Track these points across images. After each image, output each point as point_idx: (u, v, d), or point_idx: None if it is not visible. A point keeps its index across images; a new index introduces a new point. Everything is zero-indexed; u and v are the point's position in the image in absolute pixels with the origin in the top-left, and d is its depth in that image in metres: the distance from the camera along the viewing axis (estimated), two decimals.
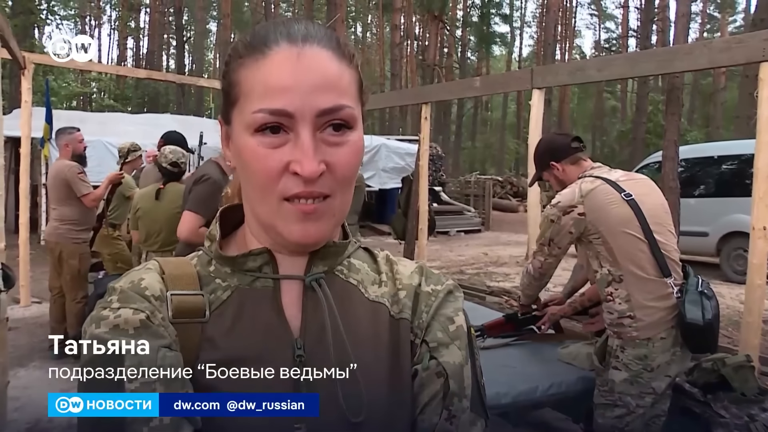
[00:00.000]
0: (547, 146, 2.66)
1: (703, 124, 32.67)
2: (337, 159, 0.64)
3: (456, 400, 0.70)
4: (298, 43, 0.64)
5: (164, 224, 4.08)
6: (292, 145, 0.63)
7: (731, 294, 7.27)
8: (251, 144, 0.64)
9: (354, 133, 0.66)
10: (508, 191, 22.23)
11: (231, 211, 0.77)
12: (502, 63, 47.96)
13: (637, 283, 2.27)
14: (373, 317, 0.73)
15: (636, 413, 2.26)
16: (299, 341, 0.68)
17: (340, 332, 0.68)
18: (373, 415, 0.66)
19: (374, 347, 0.71)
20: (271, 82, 0.63)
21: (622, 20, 40.61)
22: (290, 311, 0.70)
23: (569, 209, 2.36)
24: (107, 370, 0.60)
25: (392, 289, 0.76)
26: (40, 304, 6.56)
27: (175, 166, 4.16)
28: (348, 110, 0.64)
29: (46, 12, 24.19)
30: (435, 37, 23.73)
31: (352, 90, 0.67)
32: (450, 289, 0.77)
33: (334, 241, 0.73)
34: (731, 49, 3.16)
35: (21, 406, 3.97)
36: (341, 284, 0.74)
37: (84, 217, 4.93)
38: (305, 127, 0.62)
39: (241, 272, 0.71)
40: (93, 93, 29.62)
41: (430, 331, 0.73)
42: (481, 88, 5.35)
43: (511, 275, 8.94)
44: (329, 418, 0.65)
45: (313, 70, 0.63)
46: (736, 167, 9.11)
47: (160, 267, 0.71)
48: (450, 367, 0.71)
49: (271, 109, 0.62)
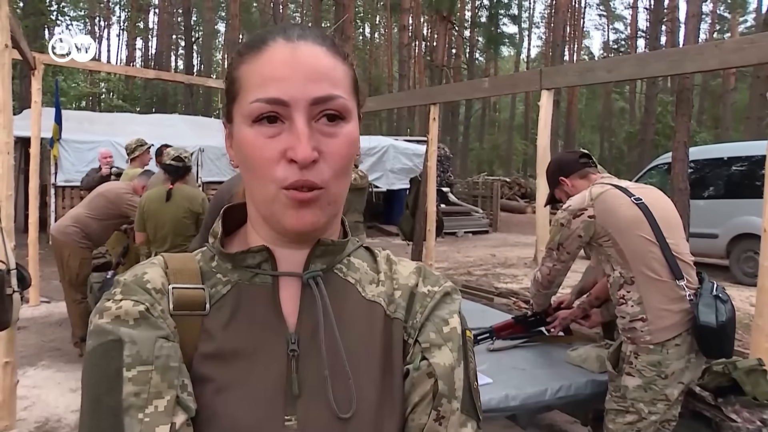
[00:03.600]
0: (556, 164, 2.72)
1: (712, 126, 32.51)
2: (330, 149, 0.66)
3: (445, 401, 0.70)
4: (294, 40, 0.67)
5: (170, 227, 4.08)
6: (287, 134, 0.65)
7: (741, 296, 7.22)
8: (249, 134, 0.67)
9: (348, 125, 0.68)
10: (516, 192, 22.20)
11: (234, 209, 0.79)
12: (510, 64, 47.94)
13: (649, 286, 2.25)
14: (369, 316, 0.74)
15: (648, 419, 2.24)
16: (293, 336, 0.69)
17: (333, 329, 0.69)
18: (362, 412, 0.67)
19: (367, 346, 0.72)
20: (267, 72, 0.66)
21: (631, 21, 40.52)
22: (287, 307, 0.71)
23: (579, 212, 2.37)
24: (107, 358, 0.62)
25: (389, 289, 0.77)
26: (49, 304, 6.61)
27: (179, 160, 4.17)
28: (341, 101, 0.67)
29: (56, 13, 24.32)
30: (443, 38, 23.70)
31: (345, 83, 0.69)
32: (447, 291, 0.78)
33: (333, 240, 0.74)
34: (743, 49, 3.13)
35: (30, 405, 4.00)
36: (339, 282, 0.75)
37: (97, 237, 4.94)
38: (300, 115, 0.65)
39: (241, 268, 0.73)
40: (102, 93, 29.76)
41: (424, 332, 0.74)
42: (490, 88, 5.34)
43: (519, 276, 8.92)
44: (319, 412, 0.66)
45: (307, 61, 0.66)
46: (746, 168, 9.04)
47: (165, 262, 0.73)
48: (440, 368, 0.71)
49: (266, 98, 0.65)
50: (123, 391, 0.60)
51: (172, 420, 0.61)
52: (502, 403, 2.32)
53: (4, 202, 3.58)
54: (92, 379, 0.63)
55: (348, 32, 14.15)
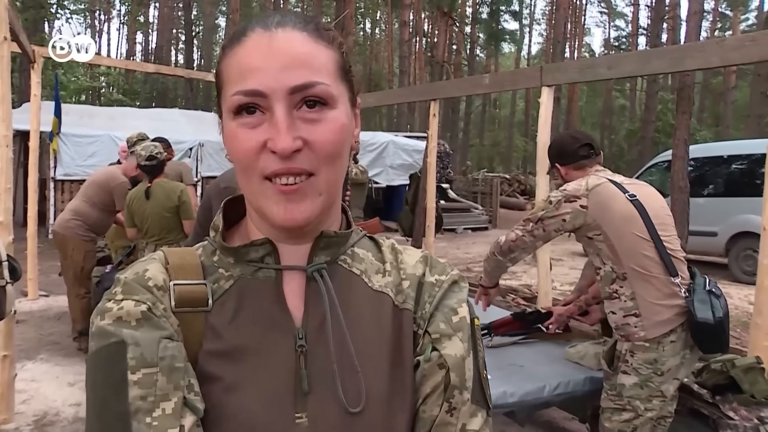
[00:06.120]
0: (556, 147, 2.70)
1: (713, 123, 32.47)
2: (315, 136, 0.65)
3: (456, 393, 0.70)
4: (271, 28, 0.66)
5: (154, 224, 4.25)
6: (268, 124, 0.64)
7: (740, 294, 7.23)
8: (232, 127, 0.66)
9: (333, 111, 0.66)
10: (516, 189, 22.18)
11: (235, 202, 0.78)
12: (510, 61, 47.88)
13: (641, 282, 2.25)
14: (377, 307, 0.73)
15: (644, 416, 2.25)
16: (301, 331, 0.68)
17: (340, 323, 0.68)
18: (372, 406, 0.67)
19: (376, 337, 0.71)
20: (244, 64, 0.65)
21: (632, 18, 40.41)
22: (292, 301, 0.70)
23: (573, 198, 2.35)
24: (111, 361, 0.61)
25: (396, 279, 0.76)
26: (48, 298, 6.61)
27: (152, 159, 4.29)
28: (322, 87, 0.65)
29: (56, 6, 24.24)
30: (444, 34, 23.60)
31: (328, 68, 0.67)
32: (455, 280, 0.77)
33: (335, 231, 0.73)
34: (744, 47, 3.12)
35: (28, 399, 4.00)
36: (344, 274, 0.74)
37: (100, 225, 4.95)
38: (279, 105, 0.63)
39: (244, 263, 0.72)
40: (102, 87, 29.72)
41: (433, 322, 0.73)
42: (491, 85, 5.31)
43: (518, 273, 8.92)
44: (329, 408, 0.66)
45: (284, 50, 0.64)
46: (746, 167, 9.05)
47: (165, 257, 0.71)
48: (451, 359, 0.70)
49: (245, 90, 0.64)
50: (129, 395, 0.59)
51: (181, 423, 0.60)
52: (501, 399, 2.33)
53: (3, 196, 3.58)
54: (97, 382, 0.61)
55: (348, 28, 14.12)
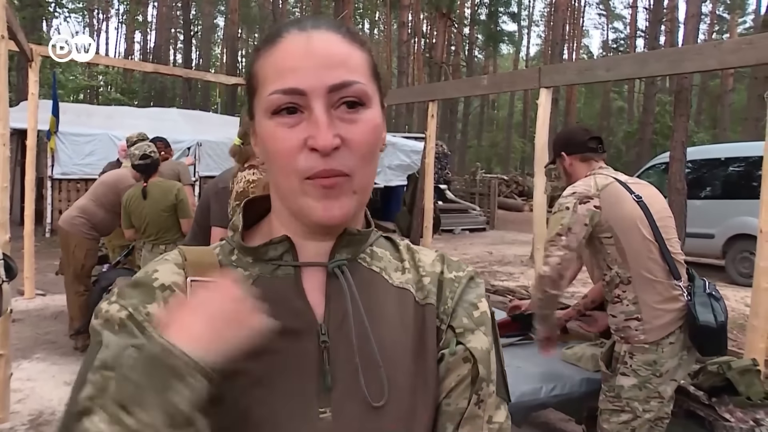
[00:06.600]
0: (565, 136, 2.66)
1: (710, 126, 32.54)
2: (352, 135, 0.65)
3: (484, 385, 0.72)
4: (307, 30, 0.67)
5: (150, 221, 4.26)
6: (307, 123, 0.65)
7: (736, 297, 7.24)
8: (270, 126, 0.66)
9: (369, 110, 0.67)
10: (514, 190, 22.20)
11: (256, 202, 0.78)
12: (509, 62, 47.93)
13: (645, 286, 2.25)
14: (399, 303, 0.74)
15: (642, 418, 2.25)
16: (323, 327, 0.69)
17: (362, 318, 0.69)
18: (395, 400, 0.67)
19: (399, 332, 0.72)
20: (282, 64, 0.66)
21: (630, 20, 40.43)
22: (313, 298, 0.71)
23: (585, 200, 2.31)
24: (89, 357, 0.63)
25: (416, 276, 0.78)
26: (44, 297, 6.59)
27: (146, 158, 4.32)
28: (359, 86, 0.66)
29: (54, 5, 24.19)
30: (442, 35, 23.60)
31: (363, 69, 0.68)
32: (471, 276, 0.79)
33: (358, 230, 0.74)
34: (741, 50, 3.13)
35: (24, 398, 3.99)
36: (364, 271, 0.75)
37: (104, 226, 4.95)
38: (318, 103, 0.64)
39: (263, 262, 0.72)
40: (100, 86, 29.69)
41: (456, 317, 0.74)
42: (489, 86, 5.32)
43: (516, 274, 8.93)
44: (352, 403, 0.66)
45: (322, 49, 0.66)
46: (743, 169, 9.07)
47: (183, 255, 0.72)
48: (478, 352, 0.72)
49: (284, 88, 0.64)
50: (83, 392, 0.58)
51: None
52: None
53: (0, 194, 3.57)
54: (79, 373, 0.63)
55: None
